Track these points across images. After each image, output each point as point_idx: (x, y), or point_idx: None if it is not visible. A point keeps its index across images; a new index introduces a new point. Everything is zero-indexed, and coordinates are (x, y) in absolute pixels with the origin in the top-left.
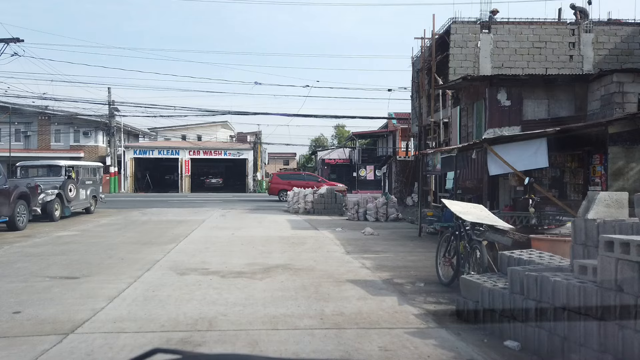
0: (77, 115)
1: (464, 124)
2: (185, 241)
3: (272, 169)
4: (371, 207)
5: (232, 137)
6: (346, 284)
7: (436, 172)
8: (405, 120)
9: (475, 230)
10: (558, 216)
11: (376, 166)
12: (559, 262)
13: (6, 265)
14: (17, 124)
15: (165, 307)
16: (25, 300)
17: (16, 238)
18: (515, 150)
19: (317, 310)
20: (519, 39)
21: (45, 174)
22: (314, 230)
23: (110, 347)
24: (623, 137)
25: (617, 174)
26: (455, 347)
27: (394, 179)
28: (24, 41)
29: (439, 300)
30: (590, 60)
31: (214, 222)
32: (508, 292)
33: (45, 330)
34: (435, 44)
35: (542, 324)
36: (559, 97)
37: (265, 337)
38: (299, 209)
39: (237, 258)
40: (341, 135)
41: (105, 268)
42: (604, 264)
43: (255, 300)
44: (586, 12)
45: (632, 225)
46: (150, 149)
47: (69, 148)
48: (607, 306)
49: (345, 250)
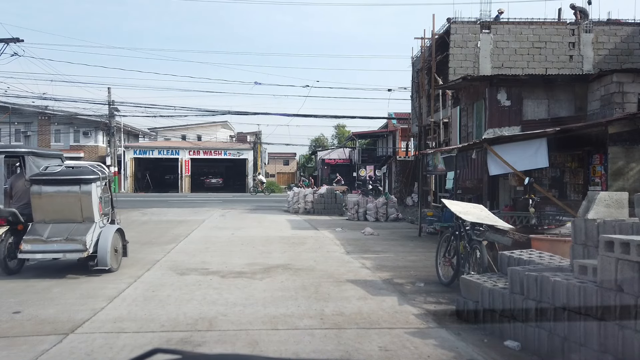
0: (77, 115)
1: (464, 124)
2: (185, 241)
3: (272, 169)
4: (371, 207)
5: (232, 137)
6: (346, 284)
7: (437, 172)
8: (405, 120)
9: (475, 230)
10: (558, 216)
11: (376, 166)
12: (559, 262)
13: None
14: (17, 124)
15: (165, 307)
16: (25, 300)
17: None
18: (515, 150)
19: (317, 310)
20: (519, 39)
21: None
22: (314, 230)
23: (110, 347)
24: (623, 137)
25: (617, 174)
26: (455, 347)
27: (394, 179)
28: (24, 41)
29: (439, 300)
30: (590, 60)
31: (214, 222)
32: (508, 292)
33: (45, 330)
34: (435, 44)
35: (542, 324)
36: (558, 97)
37: (266, 337)
38: (299, 209)
39: (237, 258)
40: (341, 135)
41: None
42: (604, 264)
43: (255, 300)
44: (586, 12)
45: (632, 225)
46: (150, 149)
47: (69, 148)
48: (607, 306)
49: (345, 250)
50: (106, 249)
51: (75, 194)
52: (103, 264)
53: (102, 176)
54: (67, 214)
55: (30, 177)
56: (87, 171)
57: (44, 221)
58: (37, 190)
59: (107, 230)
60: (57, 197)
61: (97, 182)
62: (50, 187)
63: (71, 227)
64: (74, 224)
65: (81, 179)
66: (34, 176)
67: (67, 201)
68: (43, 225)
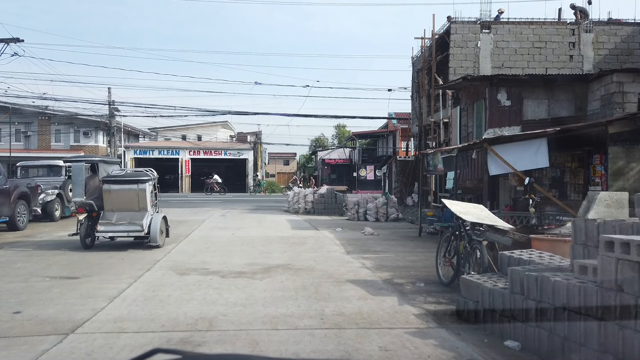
0: (77, 115)
1: (464, 124)
2: (185, 241)
3: (272, 169)
4: (371, 207)
5: (232, 137)
6: (346, 284)
7: (437, 172)
8: (405, 120)
9: (475, 230)
10: (558, 216)
11: (376, 166)
12: (559, 262)
13: (6, 265)
14: (17, 124)
15: (165, 307)
16: (25, 300)
17: (16, 238)
18: (515, 150)
19: (317, 310)
20: (519, 39)
21: (46, 174)
22: (314, 230)
23: (110, 347)
24: (623, 137)
25: (617, 174)
26: (455, 347)
27: (394, 179)
28: (24, 41)
29: (439, 300)
30: (590, 60)
31: (214, 222)
32: (508, 292)
33: (46, 330)
34: (435, 44)
35: (542, 324)
36: (559, 97)
37: (266, 337)
38: (299, 209)
39: (237, 258)
40: (342, 135)
41: (105, 268)
42: (604, 264)
43: (255, 300)
44: (586, 12)
45: (632, 225)
46: (151, 149)
47: (69, 148)
48: (607, 306)
49: (345, 250)
50: (156, 231)
51: (134, 191)
52: (154, 242)
53: (152, 178)
54: (128, 205)
55: (103, 178)
56: (142, 174)
57: (112, 210)
58: (107, 188)
59: (156, 217)
60: (122, 192)
61: (149, 182)
62: (117, 186)
63: (131, 214)
64: (133, 212)
65: (138, 180)
66: (105, 178)
67: (129, 195)
68: (111, 213)
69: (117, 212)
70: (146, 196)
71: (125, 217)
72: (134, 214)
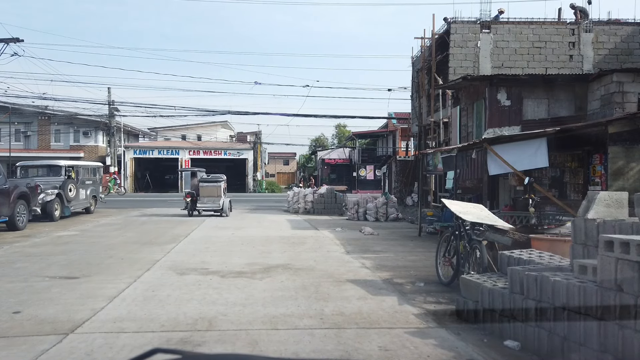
0: (77, 115)
1: (464, 124)
2: (185, 241)
3: (272, 169)
4: (371, 207)
5: (232, 137)
6: (346, 284)
7: (437, 172)
8: (405, 120)
9: (475, 230)
10: (558, 216)
11: (376, 166)
12: (559, 262)
13: (6, 265)
14: (17, 124)
15: (165, 307)
16: (25, 300)
17: (16, 238)
18: (515, 150)
19: (317, 310)
20: (519, 38)
21: (45, 174)
22: (313, 230)
23: (110, 347)
24: (623, 136)
25: (617, 174)
26: (455, 347)
27: (394, 179)
28: (24, 41)
29: (439, 300)
30: (590, 60)
31: (214, 222)
32: (508, 291)
33: (45, 330)
34: (435, 44)
35: (542, 324)
36: (558, 97)
37: (265, 337)
38: (299, 208)
39: (237, 258)
40: (342, 134)
41: (105, 268)
42: (604, 264)
43: (255, 300)
44: (586, 12)
45: (632, 225)
46: (150, 148)
47: (69, 148)
48: (607, 306)
49: (345, 250)
50: (227, 208)
51: (215, 186)
52: (225, 213)
53: (224, 180)
54: (212, 194)
55: (199, 179)
56: (220, 178)
57: (204, 196)
58: (202, 185)
59: (226, 200)
60: (209, 187)
61: (223, 182)
62: (206, 184)
63: (213, 199)
64: (214, 197)
65: (217, 180)
66: (200, 179)
67: (212, 189)
68: (204, 198)
69: (206, 197)
70: (221, 189)
71: (210, 200)
72: (214, 199)
